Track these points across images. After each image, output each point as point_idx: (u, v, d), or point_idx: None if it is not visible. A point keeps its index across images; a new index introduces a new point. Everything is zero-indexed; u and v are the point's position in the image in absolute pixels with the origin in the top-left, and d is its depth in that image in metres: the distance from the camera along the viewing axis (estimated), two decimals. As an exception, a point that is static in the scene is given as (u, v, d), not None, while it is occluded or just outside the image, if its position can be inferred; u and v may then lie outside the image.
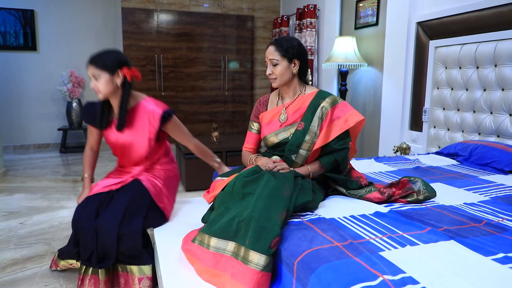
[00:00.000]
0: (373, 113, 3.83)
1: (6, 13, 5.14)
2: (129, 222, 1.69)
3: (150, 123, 1.81)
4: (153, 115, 1.81)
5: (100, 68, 1.70)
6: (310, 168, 1.61)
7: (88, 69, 1.73)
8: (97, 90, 1.74)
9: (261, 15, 5.76)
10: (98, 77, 1.71)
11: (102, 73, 1.70)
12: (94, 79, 1.72)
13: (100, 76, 1.71)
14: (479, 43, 2.53)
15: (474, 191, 1.73)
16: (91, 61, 1.72)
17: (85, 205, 1.79)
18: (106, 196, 1.82)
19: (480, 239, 1.18)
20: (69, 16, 5.39)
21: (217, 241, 1.32)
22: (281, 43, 1.67)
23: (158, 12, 5.18)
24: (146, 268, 1.69)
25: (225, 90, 5.66)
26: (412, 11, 3.09)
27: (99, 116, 1.84)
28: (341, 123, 1.61)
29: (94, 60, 1.71)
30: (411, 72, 3.17)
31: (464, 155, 2.36)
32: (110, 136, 1.88)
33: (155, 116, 1.81)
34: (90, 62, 1.72)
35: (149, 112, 1.82)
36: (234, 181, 1.44)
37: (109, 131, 1.87)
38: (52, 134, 5.52)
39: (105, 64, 1.71)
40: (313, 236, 1.19)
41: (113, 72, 1.73)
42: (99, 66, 1.71)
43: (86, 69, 1.75)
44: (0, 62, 5.12)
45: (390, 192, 1.56)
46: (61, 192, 3.52)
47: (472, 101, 2.61)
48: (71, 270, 2.09)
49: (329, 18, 4.39)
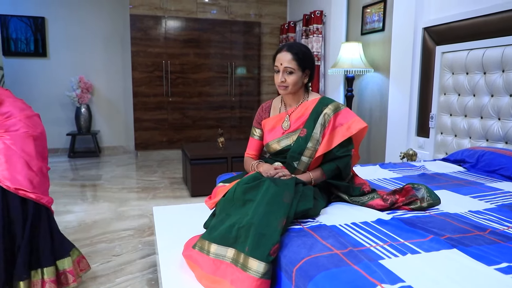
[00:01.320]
0: (380, 119, 3.80)
1: (18, 21, 5.24)
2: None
3: None
4: None
5: None
6: (312, 175, 1.60)
7: None
8: None
9: (268, 21, 5.78)
10: None
11: None
12: None
13: None
14: (486, 49, 2.50)
15: (480, 199, 1.70)
16: None
17: None
18: None
19: (484, 248, 1.16)
20: (78, 23, 5.47)
21: (217, 248, 1.32)
22: (298, 52, 1.64)
23: (166, 18, 5.23)
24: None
25: (232, 96, 5.68)
26: (419, 16, 3.07)
27: None
28: (343, 130, 1.60)
29: None
30: (417, 77, 3.14)
31: (471, 162, 2.32)
32: None
33: None
34: None
35: None
36: (235, 188, 1.44)
37: None
38: (61, 139, 5.58)
39: None
40: (313, 243, 1.18)
41: None
42: None
43: None
44: (12, 68, 5.20)
45: (393, 199, 1.54)
46: (68, 196, 3.55)
47: (480, 107, 2.57)
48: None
49: (336, 24, 4.38)
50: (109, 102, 5.78)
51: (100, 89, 5.70)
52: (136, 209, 3.21)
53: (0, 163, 1.57)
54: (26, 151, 1.64)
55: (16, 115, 1.67)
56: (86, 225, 2.83)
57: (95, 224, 2.84)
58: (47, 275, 1.66)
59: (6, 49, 5.23)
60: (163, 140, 5.47)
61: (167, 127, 5.44)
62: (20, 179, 1.59)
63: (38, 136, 1.71)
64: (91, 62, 5.62)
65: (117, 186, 3.95)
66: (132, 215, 3.06)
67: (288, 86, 1.66)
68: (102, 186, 3.97)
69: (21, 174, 1.59)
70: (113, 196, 3.57)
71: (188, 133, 5.55)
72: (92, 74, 5.60)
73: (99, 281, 2.04)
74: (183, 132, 5.53)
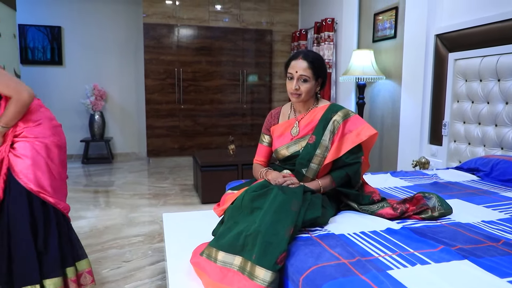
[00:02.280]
0: (392, 126, 3.76)
1: (36, 30, 5.38)
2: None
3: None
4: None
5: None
6: (321, 182, 1.58)
7: None
8: None
9: (279, 29, 5.81)
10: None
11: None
12: None
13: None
14: (500, 55, 2.46)
15: (494, 208, 1.67)
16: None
17: None
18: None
19: (496, 259, 1.13)
20: (93, 32, 5.59)
21: (224, 255, 1.31)
22: (313, 61, 1.64)
23: (178, 27, 5.31)
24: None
25: (244, 103, 5.70)
26: (431, 23, 3.04)
27: None
28: (353, 137, 1.59)
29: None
30: (430, 85, 3.11)
31: (485, 171, 2.27)
32: None
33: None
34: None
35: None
36: (243, 195, 1.44)
37: None
38: (75, 145, 5.67)
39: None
40: (320, 252, 1.17)
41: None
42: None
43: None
44: (29, 76, 5.33)
45: (403, 208, 1.52)
46: (81, 202, 3.60)
47: (494, 115, 2.53)
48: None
49: (347, 31, 4.38)
50: (122, 109, 5.87)
51: (114, 97, 5.79)
52: (146, 215, 3.23)
53: (27, 166, 1.64)
54: (51, 158, 1.72)
55: (45, 123, 1.75)
56: (97, 231, 2.86)
57: (107, 230, 2.87)
58: (69, 275, 1.74)
59: (24, 57, 5.37)
60: (174, 147, 5.51)
61: (179, 134, 5.49)
62: (42, 183, 1.66)
63: (62, 145, 1.81)
64: (105, 70, 5.72)
65: (129, 192, 3.99)
66: (143, 221, 3.08)
67: (301, 94, 1.66)
68: (114, 192, 4.02)
69: (43, 178, 1.67)
70: (124, 202, 3.60)
71: (199, 140, 5.58)
72: (106, 82, 5.70)
73: (109, 286, 2.05)
74: (195, 139, 5.57)
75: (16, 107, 1.60)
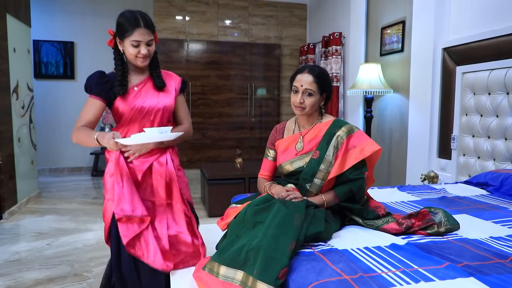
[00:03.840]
0: (400, 140, 3.73)
1: (49, 45, 5.53)
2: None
3: (173, 86, 1.74)
4: (175, 78, 1.77)
5: (152, 31, 1.59)
6: (324, 197, 1.57)
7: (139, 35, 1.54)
8: (146, 56, 1.59)
9: (288, 43, 5.86)
10: (152, 43, 1.60)
11: (152, 37, 1.60)
12: (147, 45, 1.58)
13: (153, 41, 1.61)
14: (509, 68, 2.44)
15: (503, 224, 1.63)
16: (145, 25, 1.55)
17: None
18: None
19: (504, 276, 1.10)
20: (105, 47, 5.66)
21: (226, 270, 1.30)
22: (319, 75, 1.65)
23: (188, 42, 5.39)
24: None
25: (252, 116, 5.73)
26: (438, 37, 3.04)
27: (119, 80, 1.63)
28: (356, 153, 1.58)
29: (147, 24, 1.56)
30: (438, 98, 3.08)
31: (494, 185, 2.23)
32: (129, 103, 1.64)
33: (177, 80, 1.77)
34: (145, 27, 1.55)
35: (172, 75, 1.78)
36: (246, 209, 1.43)
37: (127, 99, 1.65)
38: (85, 158, 5.75)
39: (154, 28, 1.61)
40: (322, 268, 1.15)
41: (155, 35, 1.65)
42: (152, 30, 1.59)
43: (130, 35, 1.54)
44: (42, 90, 5.46)
45: (408, 224, 1.49)
46: (89, 214, 3.63)
47: (503, 128, 2.49)
48: (90, 293, 2.12)
49: (355, 45, 4.40)
50: (132, 122, 5.93)
51: (124, 110, 5.87)
52: (153, 228, 3.23)
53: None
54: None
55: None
56: (104, 244, 2.87)
57: (113, 243, 2.88)
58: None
59: (38, 71, 5.51)
60: (183, 160, 5.54)
61: (187, 147, 5.52)
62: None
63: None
64: (116, 84, 5.81)
65: (137, 205, 4.00)
66: (149, 234, 3.08)
67: (305, 108, 1.66)
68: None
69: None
70: (132, 215, 3.61)
71: (207, 153, 5.61)
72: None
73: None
74: (203, 152, 5.59)
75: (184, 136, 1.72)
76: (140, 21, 1.55)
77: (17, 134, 3.78)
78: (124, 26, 1.56)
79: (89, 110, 1.63)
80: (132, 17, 1.55)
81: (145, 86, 1.69)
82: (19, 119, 3.86)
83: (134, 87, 1.67)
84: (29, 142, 4.12)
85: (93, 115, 1.63)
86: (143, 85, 1.69)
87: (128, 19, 1.56)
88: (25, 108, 4.02)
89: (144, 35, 1.55)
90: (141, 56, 1.58)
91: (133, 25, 1.54)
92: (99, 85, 1.63)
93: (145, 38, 1.55)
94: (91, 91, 1.64)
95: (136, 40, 1.55)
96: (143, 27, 1.54)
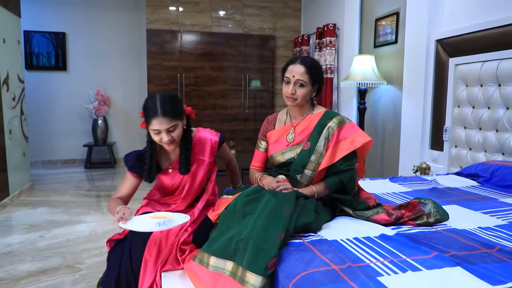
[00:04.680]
0: (393, 132, 3.74)
1: (41, 36, 5.45)
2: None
3: (210, 151, 1.73)
4: (213, 143, 1.74)
5: (176, 118, 1.56)
6: (314, 188, 1.58)
7: (157, 124, 1.52)
8: (171, 141, 1.57)
9: (282, 34, 5.82)
10: (175, 128, 1.56)
11: (178, 122, 1.57)
12: (168, 132, 1.54)
13: (177, 126, 1.57)
14: (501, 60, 2.45)
15: (492, 215, 1.64)
16: (163, 113, 1.51)
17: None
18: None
19: (490, 266, 1.11)
20: (97, 38, 5.65)
21: (216, 260, 1.31)
22: (310, 66, 1.64)
23: (181, 33, 5.34)
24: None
25: (246, 108, 5.71)
26: (431, 28, 3.04)
27: (148, 166, 1.67)
28: (347, 144, 1.58)
29: (165, 112, 1.52)
30: (431, 90, 3.09)
31: (485, 176, 2.25)
32: (165, 181, 1.73)
33: (214, 144, 1.74)
34: (163, 115, 1.51)
35: (209, 141, 1.74)
36: (236, 200, 1.43)
37: (166, 177, 1.72)
38: (78, 150, 5.71)
39: (179, 112, 1.59)
40: (311, 258, 1.16)
41: (183, 118, 1.63)
42: (175, 117, 1.55)
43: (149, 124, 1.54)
44: (33, 81, 5.40)
45: (398, 214, 1.50)
46: (82, 206, 3.62)
47: (495, 120, 2.50)
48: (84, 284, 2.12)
49: (349, 37, 4.38)
50: (125, 114, 5.90)
51: (117, 102, 5.84)
52: (146, 220, 3.23)
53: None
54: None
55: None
56: (96, 235, 2.87)
57: (106, 234, 2.87)
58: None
59: (29, 63, 5.44)
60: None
61: (181, 139, 5.49)
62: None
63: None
64: (109, 76, 5.77)
65: (130, 197, 3.99)
66: (143, 226, 3.08)
67: (297, 99, 1.66)
68: (115, 197, 4.02)
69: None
70: (125, 207, 3.61)
71: (201, 145, 5.58)
72: (109, 87, 5.74)
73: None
74: (197, 144, 5.56)
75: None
76: (158, 110, 1.52)
77: (8, 126, 3.74)
78: (145, 113, 1.57)
79: (124, 184, 1.73)
80: (151, 105, 1.54)
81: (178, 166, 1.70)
82: (10, 110, 3.82)
83: (169, 169, 1.72)
84: (20, 134, 4.08)
85: (127, 190, 1.72)
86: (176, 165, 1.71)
87: (147, 107, 1.56)
88: (16, 99, 3.97)
89: (162, 124, 1.52)
90: (165, 142, 1.57)
91: (151, 114, 1.53)
92: (135, 166, 1.71)
93: (163, 126, 1.52)
94: (128, 168, 1.73)
95: (155, 129, 1.54)
96: (160, 115, 1.51)
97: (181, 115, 1.60)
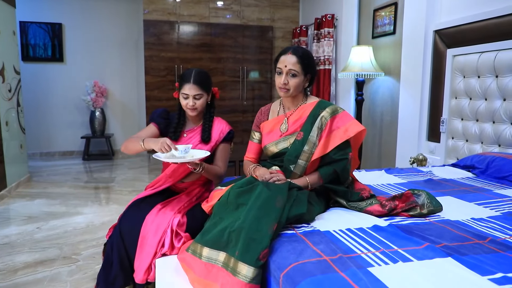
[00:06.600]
0: (390, 123, 3.74)
1: (37, 27, 5.41)
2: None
3: (218, 136, 1.92)
4: (223, 130, 1.93)
5: (203, 89, 1.82)
6: (308, 179, 1.57)
7: (188, 89, 1.79)
8: (194, 108, 1.82)
9: (280, 25, 5.78)
10: (200, 97, 1.82)
11: (204, 94, 1.83)
12: (195, 98, 1.81)
13: (202, 96, 1.83)
14: (498, 51, 2.43)
15: (486, 206, 1.65)
16: (194, 81, 1.79)
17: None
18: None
19: (481, 257, 1.11)
20: (94, 29, 5.61)
21: (209, 251, 1.31)
22: (302, 56, 1.64)
23: (179, 23, 5.30)
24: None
25: (244, 99, 5.69)
26: (429, 19, 3.01)
27: (175, 126, 1.90)
28: (340, 133, 1.57)
29: (199, 82, 1.80)
30: (428, 81, 3.08)
31: (480, 168, 2.25)
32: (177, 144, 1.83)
33: (224, 130, 1.93)
34: (194, 83, 1.79)
35: (221, 125, 1.95)
36: (229, 192, 1.43)
37: (177, 142, 1.88)
38: (76, 142, 5.71)
39: (207, 86, 1.85)
40: (303, 249, 1.16)
41: (209, 93, 1.89)
42: (203, 88, 1.82)
43: (181, 88, 1.81)
44: (30, 73, 5.37)
45: (392, 205, 1.50)
46: (79, 198, 3.62)
47: (492, 111, 2.50)
48: (81, 274, 2.13)
49: (347, 28, 4.35)
50: (123, 106, 5.89)
51: (114, 93, 5.81)
52: (144, 211, 3.24)
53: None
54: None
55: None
56: (93, 227, 2.88)
57: (103, 226, 2.88)
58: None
59: (25, 54, 5.40)
60: (175, 143, 5.51)
61: (179, 130, 5.48)
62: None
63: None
64: (106, 67, 5.74)
65: (128, 188, 4.00)
66: (140, 217, 3.09)
67: (289, 89, 1.66)
68: (113, 188, 4.03)
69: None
70: (123, 199, 3.62)
71: (199, 137, 5.57)
72: (107, 79, 5.72)
73: (101, 282, 2.06)
74: (195, 135, 5.55)
75: (217, 177, 1.91)
76: (191, 78, 1.80)
77: (5, 117, 3.73)
78: (181, 79, 1.84)
79: (144, 131, 1.90)
80: (187, 73, 1.83)
81: (194, 135, 1.91)
82: (6, 102, 3.80)
83: (184, 134, 1.92)
84: (17, 126, 4.07)
85: (146, 135, 1.86)
86: (193, 133, 1.92)
87: (184, 74, 1.84)
88: (12, 91, 3.95)
89: (191, 90, 1.79)
90: (189, 107, 1.82)
91: (185, 80, 1.81)
92: (160, 118, 1.92)
93: (192, 92, 1.79)
94: (152, 119, 1.92)
95: (184, 93, 1.81)
96: (191, 83, 1.79)
97: (208, 89, 1.86)
